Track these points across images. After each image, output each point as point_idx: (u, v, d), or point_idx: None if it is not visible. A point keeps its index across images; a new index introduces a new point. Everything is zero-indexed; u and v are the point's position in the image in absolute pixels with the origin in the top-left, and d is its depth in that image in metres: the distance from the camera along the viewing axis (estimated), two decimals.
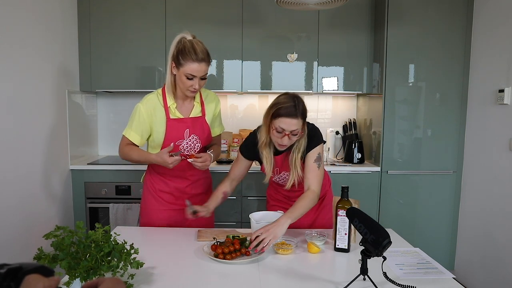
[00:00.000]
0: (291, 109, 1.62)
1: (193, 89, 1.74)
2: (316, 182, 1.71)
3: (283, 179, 1.84)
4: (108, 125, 3.46)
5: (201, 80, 1.74)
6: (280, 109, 1.63)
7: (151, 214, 1.93)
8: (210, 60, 1.76)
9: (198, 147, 1.88)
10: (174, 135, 1.82)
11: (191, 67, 1.70)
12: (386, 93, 2.97)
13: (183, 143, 1.84)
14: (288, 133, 1.63)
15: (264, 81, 3.13)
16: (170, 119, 1.82)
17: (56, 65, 2.69)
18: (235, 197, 2.96)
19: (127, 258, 1.15)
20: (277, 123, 1.63)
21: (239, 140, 3.40)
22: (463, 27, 2.93)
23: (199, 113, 1.89)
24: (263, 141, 1.74)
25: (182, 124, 1.83)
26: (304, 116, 1.66)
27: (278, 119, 1.63)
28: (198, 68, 1.70)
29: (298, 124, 1.63)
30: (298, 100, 1.65)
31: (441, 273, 1.36)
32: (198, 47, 1.70)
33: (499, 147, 2.62)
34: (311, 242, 1.56)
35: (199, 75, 1.72)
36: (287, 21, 3.07)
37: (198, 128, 1.87)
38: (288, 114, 1.61)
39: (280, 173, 1.82)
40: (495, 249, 2.64)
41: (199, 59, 1.69)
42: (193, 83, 1.72)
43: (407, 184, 3.03)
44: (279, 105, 1.64)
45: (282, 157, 1.78)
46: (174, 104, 1.82)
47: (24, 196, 2.29)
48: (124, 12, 3.03)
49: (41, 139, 2.49)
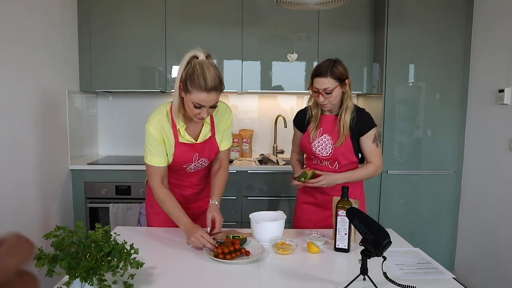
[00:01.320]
0: (323, 69, 1.78)
1: (201, 117, 1.58)
2: (376, 157, 1.87)
3: (323, 144, 1.88)
4: (108, 125, 3.46)
5: (210, 108, 1.57)
6: (315, 69, 1.81)
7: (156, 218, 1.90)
8: (223, 87, 1.57)
9: (205, 165, 1.82)
10: (182, 159, 1.73)
11: (199, 96, 1.51)
12: (386, 93, 2.97)
13: (191, 165, 1.77)
14: (321, 92, 1.78)
15: (264, 81, 3.13)
16: (179, 143, 1.69)
17: (56, 65, 2.69)
18: (235, 197, 2.96)
19: (127, 258, 1.15)
20: (314, 83, 1.81)
21: (239, 140, 3.40)
22: (463, 27, 2.93)
23: (209, 133, 1.75)
24: (312, 102, 1.91)
25: (191, 148, 1.72)
26: (336, 76, 1.77)
27: (313, 79, 1.81)
28: (207, 98, 1.51)
29: (329, 82, 1.76)
30: (334, 63, 1.79)
31: (441, 273, 1.36)
32: (209, 73, 1.50)
33: (499, 147, 2.62)
34: (311, 242, 1.56)
35: (207, 105, 1.54)
36: (287, 21, 3.07)
37: (207, 151, 1.77)
38: (318, 74, 1.78)
39: (323, 135, 1.88)
40: (495, 249, 2.64)
41: (209, 89, 1.50)
42: (201, 112, 1.55)
43: (407, 184, 3.03)
44: (317, 67, 1.82)
45: (329, 118, 1.89)
46: (183, 127, 1.67)
47: (24, 196, 2.29)
48: (124, 12, 3.03)
49: (41, 139, 2.49)
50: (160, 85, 3.09)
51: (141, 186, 2.89)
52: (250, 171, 2.97)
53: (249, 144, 3.42)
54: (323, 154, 1.87)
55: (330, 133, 1.87)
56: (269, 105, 3.51)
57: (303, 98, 3.46)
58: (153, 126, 1.66)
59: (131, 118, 3.44)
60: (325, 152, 1.87)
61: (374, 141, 1.87)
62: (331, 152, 1.86)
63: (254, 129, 3.50)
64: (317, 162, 1.93)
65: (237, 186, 2.96)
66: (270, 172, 2.97)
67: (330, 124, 1.88)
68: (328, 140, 1.87)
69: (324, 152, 1.87)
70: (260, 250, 1.51)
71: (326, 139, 1.87)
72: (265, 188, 2.97)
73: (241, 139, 3.42)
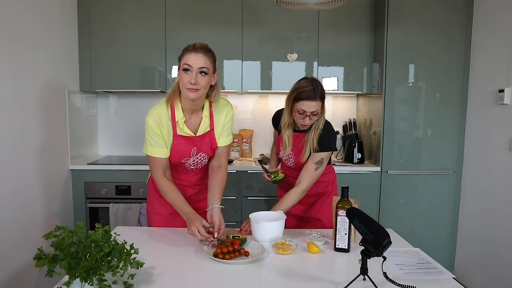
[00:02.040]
0: (310, 92, 1.78)
1: (191, 85, 1.57)
2: (308, 181, 1.89)
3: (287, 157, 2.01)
4: (108, 125, 3.46)
5: (200, 75, 1.58)
6: (300, 93, 1.80)
7: (156, 218, 1.90)
8: (212, 55, 1.63)
9: (205, 161, 1.82)
10: (180, 152, 1.73)
11: (187, 58, 1.58)
12: (386, 93, 2.97)
13: (189, 160, 1.77)
14: (309, 114, 1.80)
15: (264, 81, 3.13)
16: (177, 135, 1.71)
17: (56, 65, 2.69)
18: (235, 197, 2.96)
19: (127, 258, 1.15)
20: (299, 106, 1.80)
21: (239, 140, 3.40)
22: (463, 27, 2.93)
23: (208, 127, 1.76)
24: (285, 122, 1.93)
25: (189, 141, 1.73)
26: (322, 98, 1.81)
27: (299, 102, 1.80)
28: (194, 57, 1.57)
29: (317, 105, 1.80)
30: (316, 84, 1.81)
31: (441, 273, 1.36)
32: (200, 42, 1.62)
33: (499, 147, 2.62)
34: (311, 242, 1.56)
35: (195, 65, 1.57)
36: (287, 21, 3.07)
37: (205, 145, 1.77)
38: (308, 97, 1.78)
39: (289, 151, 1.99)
40: (495, 249, 2.64)
41: (196, 49, 1.58)
42: (190, 78, 1.57)
43: (407, 184, 3.03)
44: (299, 89, 1.80)
45: (296, 135, 1.96)
46: (183, 119, 1.70)
47: (24, 196, 2.29)
48: (124, 12, 3.03)
49: (41, 139, 2.49)
50: (160, 85, 3.09)
51: (141, 186, 2.89)
52: (250, 171, 2.97)
53: (249, 144, 3.42)
54: (287, 164, 2.05)
55: (294, 150, 1.96)
56: (269, 105, 3.51)
57: None
58: (151, 118, 1.68)
59: (131, 118, 3.44)
60: (288, 163, 2.03)
61: (316, 164, 1.89)
62: (293, 164, 2.01)
63: (254, 129, 3.50)
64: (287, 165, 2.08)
65: (237, 186, 2.96)
66: None
67: (296, 142, 1.95)
68: (291, 155, 1.98)
69: (288, 163, 2.04)
70: (260, 250, 1.51)
71: (290, 155, 1.99)
72: (265, 188, 2.97)
73: (241, 139, 3.42)
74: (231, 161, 3.15)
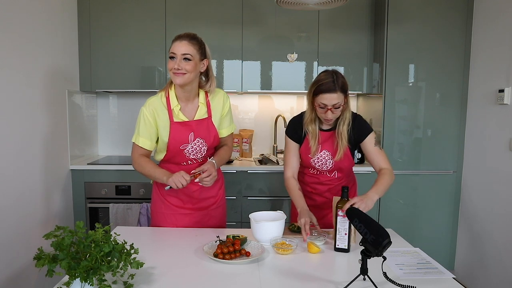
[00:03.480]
0: (330, 84, 1.70)
1: (175, 70, 1.66)
2: (385, 161, 1.82)
3: (323, 159, 1.87)
4: (108, 125, 3.46)
5: (184, 61, 1.66)
6: (320, 85, 1.72)
7: (159, 218, 1.89)
8: (197, 42, 1.70)
9: (205, 150, 1.81)
10: (178, 139, 1.76)
11: (172, 46, 1.69)
12: (386, 93, 2.97)
13: (188, 147, 1.77)
14: (330, 107, 1.72)
15: (264, 81, 3.13)
16: (174, 122, 1.75)
17: (56, 65, 2.69)
18: (235, 197, 2.96)
19: (127, 258, 1.15)
20: (319, 99, 1.73)
21: (239, 140, 3.40)
22: (463, 27, 2.93)
23: (205, 115, 1.80)
24: (308, 118, 1.83)
25: (186, 127, 1.76)
26: (344, 89, 1.73)
27: (320, 95, 1.72)
28: (178, 45, 1.66)
29: (338, 97, 1.71)
30: (337, 75, 1.72)
31: (441, 273, 1.36)
32: (187, 32, 1.71)
33: (499, 147, 2.62)
34: (311, 242, 1.56)
35: (178, 52, 1.66)
36: (287, 21, 3.07)
37: (203, 131, 1.79)
38: (327, 89, 1.70)
39: (321, 151, 1.86)
40: (495, 249, 2.64)
41: (180, 37, 1.68)
42: (174, 64, 1.66)
43: (407, 184, 3.03)
44: (319, 82, 1.73)
45: (327, 134, 1.85)
46: (178, 106, 1.75)
47: (24, 196, 2.29)
48: (124, 12, 3.03)
49: (41, 139, 2.49)
50: (160, 85, 3.09)
51: (141, 186, 2.89)
52: (250, 171, 2.97)
53: (249, 144, 3.42)
54: (323, 168, 1.89)
55: (329, 148, 1.85)
56: (269, 105, 3.51)
57: (303, 98, 3.46)
58: (146, 107, 1.76)
59: (131, 118, 3.43)
60: (325, 167, 1.89)
61: (376, 144, 1.84)
62: (331, 167, 1.88)
63: (254, 129, 3.50)
64: (315, 173, 1.94)
65: (237, 186, 2.96)
66: (270, 172, 2.97)
67: (328, 139, 1.86)
68: (327, 155, 1.86)
69: (324, 167, 1.89)
70: (260, 250, 1.51)
71: (326, 155, 1.86)
72: (265, 188, 2.97)
73: (241, 139, 3.42)
74: (231, 161, 3.15)
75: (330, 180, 1.93)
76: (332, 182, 1.93)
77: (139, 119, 1.79)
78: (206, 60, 1.75)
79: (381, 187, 1.70)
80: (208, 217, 1.90)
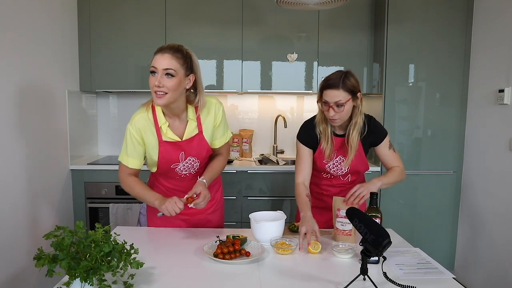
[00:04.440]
0: (334, 80, 1.67)
1: (156, 87, 1.49)
2: (398, 160, 1.84)
3: (337, 165, 1.83)
4: (108, 125, 3.46)
5: (166, 77, 1.49)
6: (325, 80, 1.70)
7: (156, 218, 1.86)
8: (182, 56, 1.53)
9: (197, 166, 1.73)
10: (168, 158, 1.66)
11: (153, 59, 1.52)
12: (386, 93, 2.97)
13: (179, 165, 1.70)
14: (332, 105, 1.67)
15: (264, 81, 3.13)
16: (163, 141, 1.64)
17: (56, 65, 2.69)
18: (235, 197, 2.96)
19: (127, 258, 1.15)
20: (324, 96, 1.69)
21: (239, 140, 3.40)
22: (463, 27, 2.93)
23: (195, 130, 1.67)
24: (318, 118, 1.79)
25: (176, 147, 1.65)
26: (349, 88, 1.66)
27: (323, 92, 1.70)
28: (159, 58, 1.50)
29: (340, 95, 1.65)
30: (345, 74, 1.68)
31: (441, 273, 1.36)
32: (171, 43, 1.55)
33: (499, 147, 2.62)
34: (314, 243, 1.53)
35: (159, 67, 1.49)
36: (287, 21, 3.07)
37: (194, 149, 1.68)
38: (330, 85, 1.67)
39: (337, 157, 1.81)
40: (495, 249, 2.64)
41: (162, 50, 1.51)
42: (155, 80, 1.50)
43: (407, 184, 3.03)
44: (326, 78, 1.70)
45: (341, 140, 1.81)
46: (166, 124, 1.62)
47: (24, 196, 2.29)
48: (124, 12, 3.03)
49: (41, 139, 2.49)
50: None
51: None
52: (250, 171, 2.97)
53: (249, 144, 3.42)
54: (338, 173, 1.85)
55: (344, 154, 1.81)
56: (269, 105, 3.51)
57: (303, 98, 3.46)
58: (132, 126, 1.64)
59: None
60: (340, 172, 1.85)
61: (390, 148, 1.84)
62: (346, 171, 1.84)
63: (254, 129, 3.50)
64: (329, 176, 1.90)
65: (237, 186, 2.96)
66: (270, 172, 2.97)
67: (343, 145, 1.81)
68: (342, 160, 1.82)
69: (339, 172, 1.85)
70: (260, 250, 1.51)
71: (341, 160, 1.82)
72: (265, 188, 2.97)
73: (241, 139, 3.42)
74: (231, 161, 3.15)
75: (343, 183, 1.90)
76: (344, 185, 1.89)
77: (125, 138, 1.66)
78: (192, 75, 1.58)
79: (387, 177, 1.73)
80: (205, 220, 1.88)
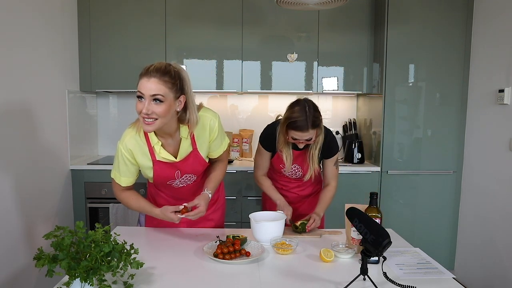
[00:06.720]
0: (302, 123, 1.75)
1: (144, 114, 1.41)
2: (335, 179, 2.03)
3: (292, 171, 2.01)
4: (108, 125, 3.46)
5: (154, 102, 1.39)
6: (292, 123, 1.78)
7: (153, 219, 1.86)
8: (170, 78, 1.42)
9: (194, 179, 1.71)
10: (163, 176, 1.63)
11: (139, 83, 1.42)
12: (386, 93, 2.97)
13: (175, 182, 1.68)
14: (302, 141, 1.83)
15: (264, 81, 3.13)
16: (157, 161, 1.59)
17: (56, 65, 2.69)
18: (235, 197, 2.96)
19: (127, 258, 1.15)
20: (291, 134, 1.81)
21: (239, 140, 3.40)
22: (463, 27, 2.93)
23: (189, 148, 1.62)
24: (281, 143, 1.91)
25: (170, 166, 1.61)
26: (316, 125, 1.79)
27: (292, 131, 1.80)
28: (146, 83, 1.39)
29: (310, 134, 1.79)
30: (309, 112, 1.76)
31: (441, 273, 1.36)
32: (158, 64, 1.43)
33: (499, 147, 2.62)
34: (328, 250, 1.47)
35: (147, 93, 1.39)
36: (287, 21, 3.07)
37: (189, 166, 1.64)
38: (299, 128, 1.77)
39: (293, 164, 1.98)
40: (495, 249, 2.64)
41: (148, 73, 1.40)
42: (142, 107, 1.40)
43: (407, 184, 3.03)
44: (291, 119, 1.78)
45: (299, 152, 1.95)
46: (158, 143, 1.56)
47: (24, 196, 2.29)
48: (124, 12, 3.03)
49: (41, 139, 2.49)
50: None
51: (141, 186, 2.89)
52: (250, 171, 2.97)
53: (249, 144, 3.42)
54: (293, 176, 2.05)
55: (300, 164, 1.98)
56: (269, 105, 3.51)
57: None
58: (123, 146, 1.58)
59: (131, 118, 3.38)
60: (294, 176, 2.04)
61: (335, 164, 2.01)
62: (300, 176, 2.02)
63: (254, 129, 3.50)
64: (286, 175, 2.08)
65: (237, 186, 2.96)
66: None
67: (299, 157, 1.96)
68: (298, 168, 1.99)
69: (294, 176, 2.04)
70: (260, 250, 1.51)
71: (296, 168, 2.00)
72: None
73: (241, 139, 3.42)
74: (231, 161, 3.15)
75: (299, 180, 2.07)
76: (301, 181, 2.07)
77: (117, 156, 1.60)
78: (183, 97, 1.47)
79: (326, 204, 1.96)
80: (205, 220, 1.88)
